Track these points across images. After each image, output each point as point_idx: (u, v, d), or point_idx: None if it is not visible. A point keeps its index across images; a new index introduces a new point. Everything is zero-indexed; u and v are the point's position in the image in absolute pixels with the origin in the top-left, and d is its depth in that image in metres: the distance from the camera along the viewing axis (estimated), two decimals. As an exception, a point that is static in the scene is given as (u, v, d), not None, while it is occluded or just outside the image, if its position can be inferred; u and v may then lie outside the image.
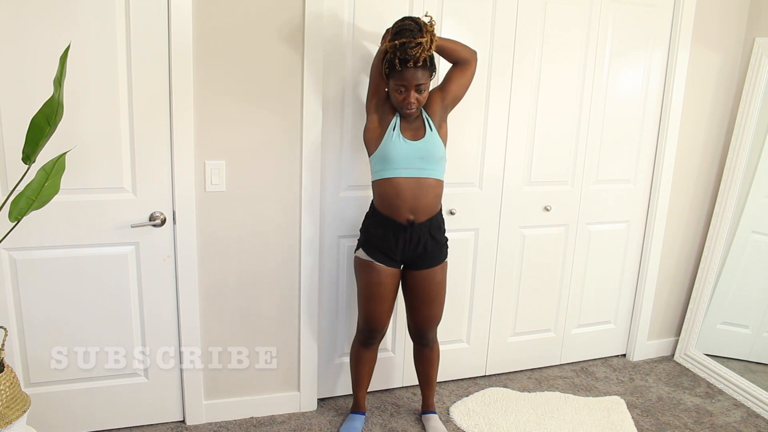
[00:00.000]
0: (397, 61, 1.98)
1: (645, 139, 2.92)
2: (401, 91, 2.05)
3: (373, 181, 2.18)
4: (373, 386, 2.68)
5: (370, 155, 2.18)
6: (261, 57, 2.19)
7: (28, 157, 1.62)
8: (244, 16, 2.14)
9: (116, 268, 2.20)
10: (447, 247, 2.28)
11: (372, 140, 2.15)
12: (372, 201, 2.23)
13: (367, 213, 2.26)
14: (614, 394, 2.83)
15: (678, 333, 3.24)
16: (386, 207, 2.14)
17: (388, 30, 2.06)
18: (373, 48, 2.33)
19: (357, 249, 2.25)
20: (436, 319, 2.32)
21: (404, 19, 2.01)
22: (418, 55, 1.95)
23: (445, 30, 2.39)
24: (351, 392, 2.69)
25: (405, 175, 2.10)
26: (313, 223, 2.40)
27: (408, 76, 2.01)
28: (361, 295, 2.28)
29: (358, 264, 2.25)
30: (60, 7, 1.93)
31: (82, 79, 2.00)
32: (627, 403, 2.75)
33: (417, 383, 2.59)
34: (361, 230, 2.27)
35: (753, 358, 2.95)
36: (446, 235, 2.28)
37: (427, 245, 2.18)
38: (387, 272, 2.20)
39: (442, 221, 2.24)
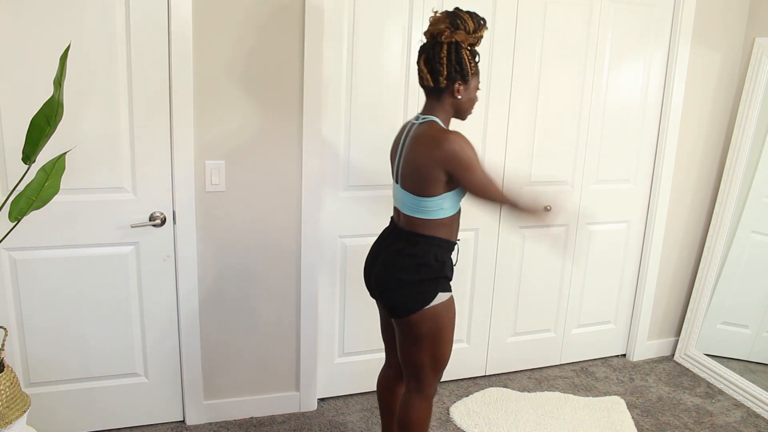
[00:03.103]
0: (477, 57, 1.76)
1: (645, 139, 2.92)
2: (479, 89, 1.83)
3: (451, 215, 1.77)
4: (372, 387, 2.68)
5: (449, 190, 1.73)
6: (261, 56, 2.19)
7: (28, 157, 1.62)
8: (243, 15, 2.14)
9: (116, 268, 2.20)
10: None
11: None
12: (430, 235, 1.76)
13: (429, 248, 1.75)
14: (614, 394, 2.83)
15: (678, 333, 3.24)
16: (455, 232, 1.82)
17: (448, 27, 1.68)
18: (373, 44, 2.33)
19: (433, 295, 1.74)
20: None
21: (465, 11, 1.71)
22: None
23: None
24: (350, 392, 2.69)
25: None
26: (313, 223, 2.40)
27: None
28: (446, 340, 1.80)
29: (446, 308, 1.77)
30: (60, 7, 1.93)
31: (82, 79, 2.00)
32: (627, 403, 2.75)
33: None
34: (431, 270, 1.75)
35: (753, 358, 2.95)
36: None
37: None
38: None
39: None
